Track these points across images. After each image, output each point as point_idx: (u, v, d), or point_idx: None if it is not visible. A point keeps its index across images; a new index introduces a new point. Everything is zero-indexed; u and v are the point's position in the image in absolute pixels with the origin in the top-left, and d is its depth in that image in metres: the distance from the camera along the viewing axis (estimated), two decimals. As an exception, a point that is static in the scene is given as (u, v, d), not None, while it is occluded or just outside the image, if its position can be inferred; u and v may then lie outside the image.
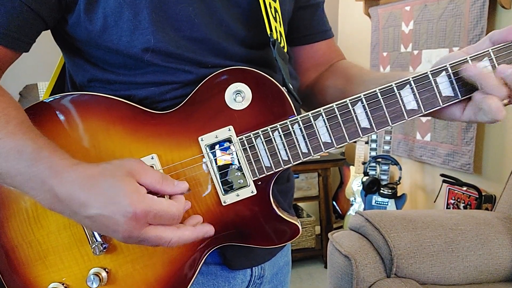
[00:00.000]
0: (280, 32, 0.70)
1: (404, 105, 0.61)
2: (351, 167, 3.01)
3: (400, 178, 2.53)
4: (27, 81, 2.60)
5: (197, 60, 0.64)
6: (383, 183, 2.57)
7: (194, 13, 0.63)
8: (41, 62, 2.25)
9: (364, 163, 2.73)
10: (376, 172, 2.62)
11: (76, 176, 0.53)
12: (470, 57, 0.59)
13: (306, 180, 2.91)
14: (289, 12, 0.76)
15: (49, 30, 0.67)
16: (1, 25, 0.58)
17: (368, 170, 2.63)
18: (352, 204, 2.83)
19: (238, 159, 0.63)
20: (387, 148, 2.57)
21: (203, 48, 0.65)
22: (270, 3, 0.67)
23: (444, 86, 0.60)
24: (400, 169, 2.51)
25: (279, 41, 0.68)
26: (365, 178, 2.59)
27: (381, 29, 2.72)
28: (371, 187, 2.55)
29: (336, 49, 0.86)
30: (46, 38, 0.73)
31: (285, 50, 0.72)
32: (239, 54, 0.67)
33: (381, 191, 2.54)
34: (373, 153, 2.63)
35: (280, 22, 0.71)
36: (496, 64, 0.59)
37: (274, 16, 0.68)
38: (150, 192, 0.55)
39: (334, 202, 3.17)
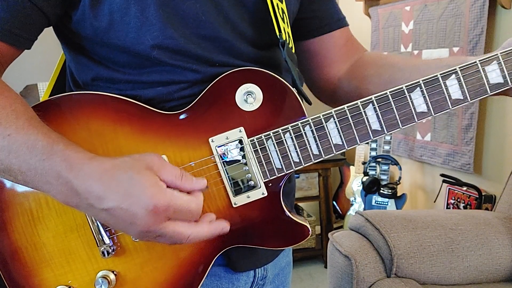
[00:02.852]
0: (288, 33, 0.70)
1: (414, 108, 0.61)
2: (351, 167, 3.01)
3: (400, 178, 2.53)
4: (27, 81, 2.59)
5: (205, 58, 0.64)
6: (383, 183, 2.57)
7: (201, 10, 0.62)
8: (41, 62, 2.24)
9: (364, 163, 2.73)
10: (376, 172, 2.62)
11: (94, 169, 0.53)
12: (479, 61, 0.60)
13: (306, 180, 2.91)
14: (294, 12, 0.76)
15: (50, 30, 0.66)
16: (4, 21, 0.57)
17: (368, 170, 2.62)
18: (352, 204, 2.83)
19: (249, 161, 0.63)
20: (387, 148, 2.57)
21: (211, 45, 0.64)
22: (277, 4, 0.67)
23: (454, 89, 0.61)
24: (400, 169, 2.51)
25: (287, 42, 0.68)
26: (365, 178, 2.59)
27: (381, 29, 2.72)
28: (371, 187, 2.55)
29: (355, 39, 0.85)
30: (46, 38, 0.73)
31: (293, 50, 0.71)
32: (246, 53, 0.67)
33: (381, 191, 2.54)
34: (373, 153, 2.63)
35: (287, 23, 0.70)
36: (505, 68, 0.60)
37: (282, 17, 0.68)
38: (169, 187, 0.54)
39: (334, 202, 3.17)
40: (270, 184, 0.64)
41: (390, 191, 2.51)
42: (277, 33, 0.67)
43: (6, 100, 0.56)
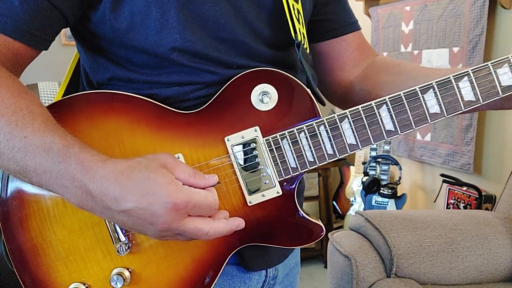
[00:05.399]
0: (303, 33, 0.70)
1: (427, 109, 0.62)
2: (351, 167, 3.01)
3: (400, 178, 2.53)
4: (27, 81, 2.60)
5: (223, 60, 0.64)
6: (383, 183, 2.57)
7: (220, 13, 0.63)
8: (41, 62, 2.25)
9: (364, 163, 2.73)
10: (376, 172, 2.62)
11: (109, 171, 0.53)
12: (491, 63, 0.61)
13: (306, 180, 2.92)
14: (309, 11, 0.77)
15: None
16: (24, 22, 0.57)
17: (368, 170, 2.63)
18: (352, 204, 2.84)
19: (264, 160, 0.63)
20: (387, 148, 2.58)
21: (228, 48, 0.65)
22: (293, 4, 0.68)
23: (466, 91, 0.62)
24: (400, 169, 2.51)
25: (302, 43, 0.69)
26: (365, 178, 2.59)
27: (381, 29, 2.72)
28: (371, 187, 2.55)
29: (367, 42, 0.86)
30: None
31: (308, 51, 0.72)
32: (263, 54, 0.67)
33: (381, 191, 2.54)
34: (373, 153, 2.64)
35: (302, 23, 0.71)
36: None
37: (297, 17, 0.69)
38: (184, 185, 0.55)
39: (334, 202, 3.17)
40: (285, 183, 0.64)
41: (390, 191, 2.52)
42: (293, 34, 0.67)
43: (23, 102, 0.56)
